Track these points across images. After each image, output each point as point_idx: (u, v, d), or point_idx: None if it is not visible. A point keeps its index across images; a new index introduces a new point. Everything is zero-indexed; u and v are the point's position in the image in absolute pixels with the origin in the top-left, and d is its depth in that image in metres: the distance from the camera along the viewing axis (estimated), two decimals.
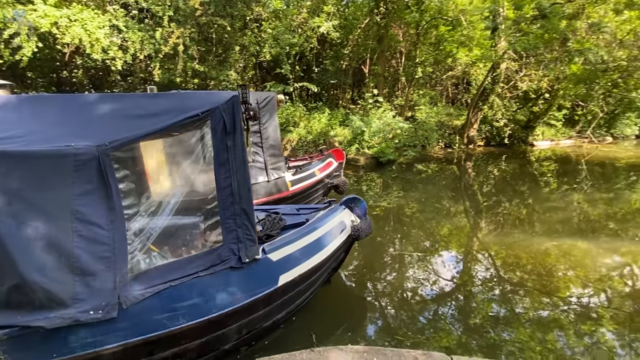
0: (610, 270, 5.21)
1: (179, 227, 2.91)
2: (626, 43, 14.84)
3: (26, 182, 2.07)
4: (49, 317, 2.15)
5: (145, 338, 2.48)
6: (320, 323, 3.76)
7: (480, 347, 3.57)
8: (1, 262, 2.03)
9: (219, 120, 2.72)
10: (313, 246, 3.53)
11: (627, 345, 3.67)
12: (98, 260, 2.29)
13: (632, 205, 8.34)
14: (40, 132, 2.21)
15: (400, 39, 15.90)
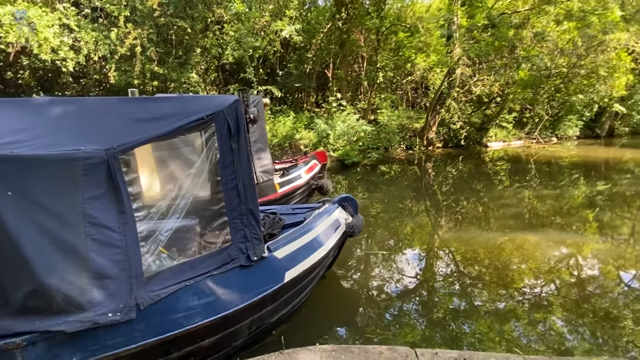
0: (558, 261, 5.64)
1: (189, 228, 2.97)
2: (566, 51, 16.15)
3: (38, 186, 2.06)
4: (68, 321, 2.14)
5: (163, 338, 2.50)
6: (290, 324, 3.78)
7: (444, 340, 3.75)
8: (18, 267, 2.02)
9: (224, 123, 2.80)
10: (313, 243, 3.69)
11: (575, 331, 4.00)
12: (112, 263, 2.30)
13: (576, 201, 9.08)
14: (47, 136, 2.21)
15: (362, 44, 16.28)
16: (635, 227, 7.30)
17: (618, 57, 15.99)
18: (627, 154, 16.68)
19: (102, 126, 2.41)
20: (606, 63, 15.90)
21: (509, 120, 18.42)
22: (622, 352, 3.65)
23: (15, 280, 2.05)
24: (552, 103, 18.12)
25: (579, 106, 18.67)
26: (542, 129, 18.88)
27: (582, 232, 6.89)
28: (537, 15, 14.66)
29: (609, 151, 17.73)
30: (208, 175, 2.95)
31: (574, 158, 15.46)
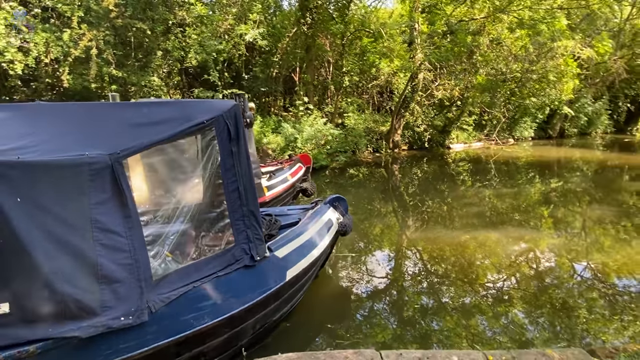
0: (517, 256, 5.92)
1: (192, 231, 3.00)
2: (519, 57, 17.12)
3: (46, 193, 2.06)
4: (82, 327, 2.13)
5: (175, 339, 2.53)
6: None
7: (414, 338, 3.81)
8: (29, 274, 2.01)
9: (224, 127, 2.85)
10: (310, 242, 3.83)
11: (534, 322, 4.19)
12: (121, 267, 2.30)
13: (532, 198, 9.59)
14: (50, 141, 2.22)
15: (328, 48, 16.44)
16: (585, 221, 7.82)
17: (565, 63, 17.16)
18: (576, 153, 17.89)
19: (104, 131, 2.43)
20: (555, 68, 17.01)
21: (469, 122, 19.23)
22: (578, 339, 3.87)
23: (27, 287, 2.02)
24: (508, 106, 19.12)
25: (532, 109, 19.83)
26: (500, 131, 19.86)
27: (538, 228, 7.28)
28: (492, 22, 15.46)
29: (560, 151, 18.93)
30: (210, 179, 3.00)
31: (530, 158, 16.36)
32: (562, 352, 2.62)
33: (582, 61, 19.15)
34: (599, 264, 5.64)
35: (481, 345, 3.66)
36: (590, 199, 9.63)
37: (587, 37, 20.59)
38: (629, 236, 6.75)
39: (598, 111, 23.65)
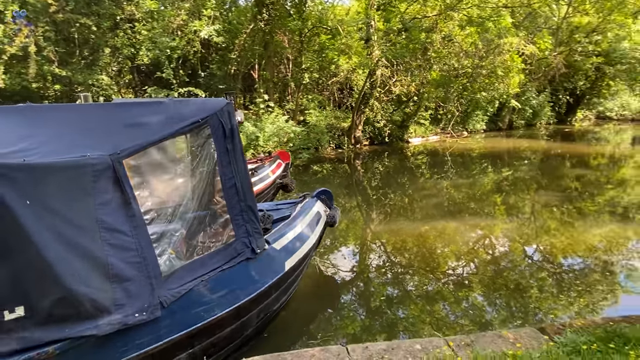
0: (475, 243, 6.23)
1: (195, 227, 3.05)
2: (470, 53, 17.97)
3: (53, 194, 2.06)
4: (99, 325, 2.15)
5: (188, 332, 2.59)
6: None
7: (383, 327, 3.90)
8: (43, 276, 2.00)
9: (218, 125, 2.93)
10: (304, 234, 3.99)
11: (492, 303, 4.44)
12: (130, 265, 2.32)
13: (486, 187, 10.13)
14: (49, 143, 2.21)
15: (286, 45, 16.32)
16: (534, 206, 8.38)
17: (511, 59, 18.23)
18: (524, 143, 19.12)
19: (101, 131, 2.45)
20: (502, 64, 18.02)
21: (426, 117, 19.92)
22: (531, 316, 4.14)
23: (41, 289, 2.02)
24: (461, 100, 20.02)
25: (483, 102, 20.90)
26: (454, 124, 20.76)
27: (492, 215, 7.70)
28: (443, 20, 16.09)
29: (509, 141, 20.14)
30: (208, 176, 3.09)
31: (482, 149, 17.26)
32: (516, 332, 2.78)
33: (526, 57, 20.42)
34: (547, 246, 6.07)
35: (445, 329, 3.82)
36: (538, 185, 10.34)
37: (529, 35, 22.00)
38: (572, 218, 7.33)
39: (542, 104, 25.39)
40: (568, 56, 24.24)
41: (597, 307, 4.34)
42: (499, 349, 2.51)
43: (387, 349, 2.60)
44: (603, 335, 2.59)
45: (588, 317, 3.93)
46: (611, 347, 2.43)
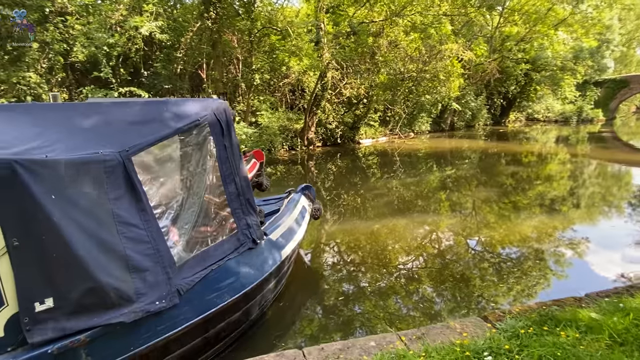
0: (423, 238, 6.54)
1: (201, 220, 3.15)
2: (414, 58, 18.85)
3: (73, 189, 2.14)
4: (125, 313, 2.27)
5: (203, 317, 2.76)
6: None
7: (338, 326, 3.95)
8: (71, 268, 2.09)
9: (215, 123, 3.11)
10: (294, 226, 4.28)
11: (440, 295, 4.70)
12: (146, 257, 2.43)
13: (432, 185, 10.68)
14: (62, 140, 2.26)
15: (235, 45, 15.98)
16: (475, 202, 8.99)
17: (452, 64, 19.41)
18: (465, 143, 20.43)
19: (108, 129, 2.53)
20: (444, 69, 19.13)
21: (375, 119, 20.56)
22: (474, 304, 4.44)
23: (69, 280, 2.10)
24: (407, 103, 20.94)
25: (427, 105, 22.01)
26: (402, 126, 21.64)
27: (438, 211, 8.14)
28: (389, 25, 16.73)
29: (452, 142, 21.41)
30: (210, 172, 3.24)
31: (428, 149, 18.18)
32: (462, 322, 2.96)
33: (464, 62, 21.84)
34: (487, 238, 6.55)
35: (398, 323, 3.97)
36: (477, 182, 11.11)
37: (467, 42, 23.57)
38: (508, 212, 7.98)
39: (479, 106, 27.31)
40: (501, 62, 26.36)
41: (532, 292, 4.76)
42: (447, 339, 2.65)
43: (342, 348, 2.64)
44: (538, 319, 2.83)
45: (525, 302, 4.30)
46: (545, 329, 2.68)
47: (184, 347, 2.73)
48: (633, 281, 4.69)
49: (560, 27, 26.14)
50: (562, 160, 15.03)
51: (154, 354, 2.49)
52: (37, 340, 2.00)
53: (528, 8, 24.95)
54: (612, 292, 3.46)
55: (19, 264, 1.97)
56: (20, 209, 1.96)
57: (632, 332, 2.59)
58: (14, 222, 1.95)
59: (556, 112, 34.22)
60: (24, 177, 1.92)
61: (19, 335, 2.00)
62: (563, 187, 10.34)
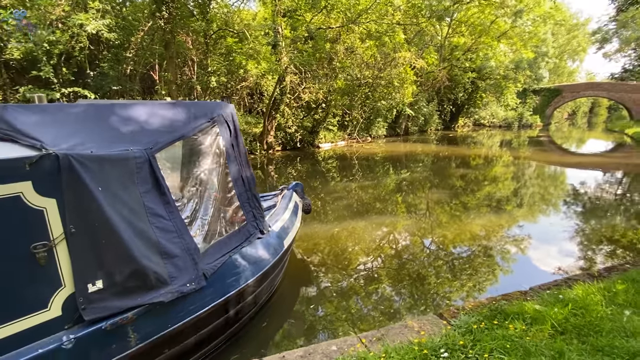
0: (381, 240, 6.71)
1: (216, 213, 3.51)
2: (370, 65, 19.38)
3: (113, 183, 2.33)
4: (163, 294, 2.53)
5: (225, 298, 3.08)
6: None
7: (301, 331, 3.93)
8: (117, 253, 2.32)
9: (224, 124, 3.38)
10: (291, 219, 4.68)
11: (399, 294, 4.83)
12: (174, 245, 2.69)
13: (388, 188, 11.00)
14: (95, 138, 2.42)
15: (190, 46, 15.49)
16: (428, 203, 9.39)
17: (405, 71, 20.19)
18: (418, 147, 21.29)
19: (133, 128, 2.71)
20: (398, 75, 19.85)
21: (334, 123, 20.84)
22: (431, 301, 4.62)
23: (116, 264, 2.33)
24: (364, 108, 21.46)
25: (383, 110, 22.70)
26: (359, 130, 22.13)
27: (395, 213, 8.40)
28: (346, 32, 17.07)
29: (407, 146, 22.22)
30: (220, 169, 3.51)
31: (384, 153, 18.72)
32: (419, 321, 3.08)
33: (417, 70, 22.81)
34: (441, 237, 6.86)
35: (360, 324, 4.03)
36: (431, 184, 11.61)
37: (419, 50, 24.67)
38: (459, 212, 8.41)
39: (431, 112, 28.64)
40: (450, 71, 27.85)
41: (483, 287, 5.04)
42: (406, 338, 2.74)
43: (304, 355, 2.63)
44: (488, 313, 3.01)
45: (477, 298, 4.55)
46: (495, 323, 2.85)
47: (210, 326, 3.04)
48: (570, 274, 5.13)
49: (502, 39, 28.20)
50: (506, 163, 16.14)
51: (187, 331, 2.79)
52: (91, 318, 2.25)
53: (474, 20, 26.69)
54: (552, 285, 3.77)
55: (75, 249, 2.19)
56: (76, 199, 2.17)
57: (571, 321, 2.83)
58: (71, 211, 2.17)
59: (500, 118, 36.80)
60: (79, 170, 2.16)
61: (75, 313, 2.23)
62: (507, 188, 11.10)
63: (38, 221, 2.08)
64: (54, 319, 2.16)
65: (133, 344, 2.42)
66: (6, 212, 1.99)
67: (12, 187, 1.99)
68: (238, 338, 3.59)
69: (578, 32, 56.87)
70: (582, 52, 60.14)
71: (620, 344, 2.52)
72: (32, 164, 2.03)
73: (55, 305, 2.17)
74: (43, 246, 2.09)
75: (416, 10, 19.42)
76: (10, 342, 1.99)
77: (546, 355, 2.41)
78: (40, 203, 2.08)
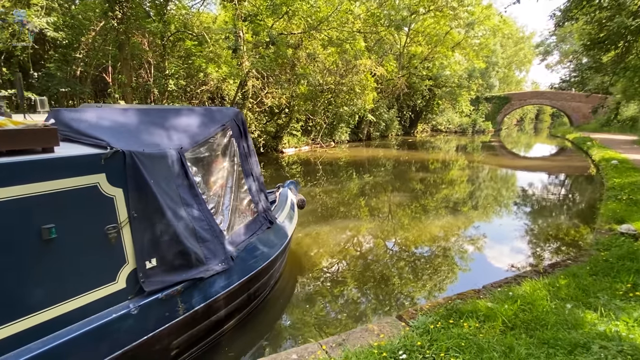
0: (345, 243, 6.77)
1: (234, 205, 3.88)
2: (332, 71, 19.63)
3: (159, 176, 2.84)
4: (202, 271, 3.07)
5: (247, 277, 3.54)
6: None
7: (267, 339, 3.86)
8: (169, 237, 2.84)
9: (235, 127, 3.91)
10: (291, 213, 5.29)
11: (364, 295, 4.89)
12: (205, 231, 3.19)
13: (352, 192, 11.15)
14: (139, 137, 2.90)
15: (146, 48, 14.90)
16: (390, 206, 9.62)
17: (366, 78, 20.66)
18: (380, 152, 21.80)
19: (168, 130, 3.14)
20: (359, 82, 20.27)
21: (297, 128, 20.86)
22: (394, 300, 4.72)
23: (167, 246, 2.84)
24: (327, 113, 21.68)
25: (346, 116, 23.05)
26: (323, 136, 22.31)
27: (358, 217, 8.52)
28: (307, 39, 17.20)
29: (369, 151, 22.68)
30: (234, 167, 3.96)
31: (348, 158, 18.99)
32: (379, 324, 3.13)
33: (377, 77, 23.43)
34: (403, 239, 7.04)
35: (325, 328, 4.03)
36: (392, 188, 11.92)
37: (379, 58, 25.36)
38: (419, 214, 8.69)
39: (391, 118, 29.48)
40: (409, 78, 28.87)
41: (442, 286, 5.23)
42: (366, 342, 2.76)
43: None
44: (445, 313, 3.12)
45: (437, 297, 4.70)
46: (451, 322, 2.95)
47: (236, 300, 3.51)
48: (521, 270, 5.44)
49: (457, 49, 29.69)
50: (462, 167, 16.93)
51: (219, 304, 3.26)
52: (150, 289, 2.69)
53: (430, 31, 27.90)
54: (503, 282, 3.97)
55: (136, 231, 2.65)
56: (136, 189, 2.64)
57: (520, 316, 3.00)
58: (133, 199, 2.62)
59: (455, 124, 38.63)
60: (138, 165, 2.63)
61: (136, 286, 2.67)
62: (463, 190, 11.63)
63: (110, 207, 2.53)
64: (120, 290, 2.59)
65: (181, 312, 2.87)
66: (87, 198, 2.41)
67: (92, 178, 2.43)
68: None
69: (524, 45, 61.17)
70: (527, 63, 64.74)
71: (563, 335, 2.70)
72: (106, 158, 2.49)
73: (121, 278, 2.61)
74: (114, 228, 2.53)
75: (375, 19, 19.97)
76: (88, 309, 2.41)
77: (498, 351, 2.53)
78: (111, 192, 2.53)
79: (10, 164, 2.07)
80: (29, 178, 2.13)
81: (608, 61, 17.19)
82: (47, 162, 2.22)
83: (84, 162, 2.38)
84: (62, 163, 2.28)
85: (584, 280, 3.76)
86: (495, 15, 31.55)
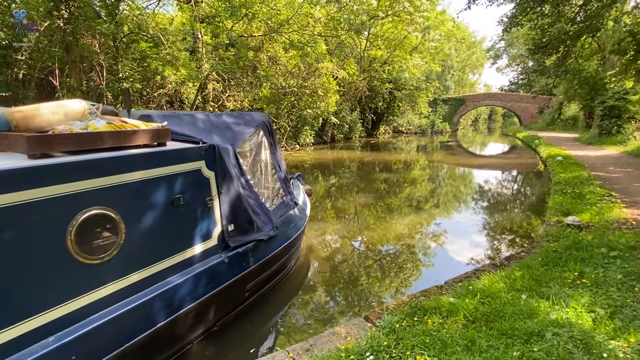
0: (312, 246, 6.75)
1: (270, 189, 4.94)
2: (294, 74, 19.61)
3: (226, 166, 3.70)
4: (262, 234, 4.07)
5: (286, 244, 4.58)
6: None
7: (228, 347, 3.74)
8: (239, 209, 3.84)
9: (265, 128, 4.81)
10: (305, 200, 6.29)
11: (333, 298, 4.87)
12: (257, 207, 4.17)
13: (318, 194, 11.16)
14: (210, 136, 3.76)
15: (97, 50, 14.11)
16: (356, 207, 9.73)
17: (328, 81, 20.82)
18: (345, 154, 22.04)
19: (224, 130, 4.08)
20: (321, 85, 20.39)
21: None
22: (363, 302, 4.74)
23: (240, 215, 3.86)
24: (291, 116, 21.60)
25: (310, 119, 23.09)
26: (288, 138, 22.20)
27: (325, 218, 8.54)
28: (269, 41, 17.06)
29: (334, 153, 22.87)
30: (266, 159, 4.87)
31: (313, 160, 19.02)
32: (347, 326, 3.12)
33: (339, 80, 23.69)
34: (369, 238, 7.13)
35: (294, 334, 3.97)
36: (357, 189, 12.07)
37: (341, 61, 25.66)
38: (384, 213, 8.85)
39: (354, 120, 29.92)
40: (370, 81, 29.46)
41: (407, 284, 5.34)
42: (334, 346, 2.75)
43: None
44: (409, 311, 3.17)
45: (404, 294, 4.78)
46: (415, 320, 3.01)
47: (280, 261, 4.55)
48: (480, 263, 5.68)
49: (414, 53, 30.69)
50: (423, 166, 17.49)
51: (272, 261, 4.29)
52: (234, 245, 3.71)
53: (389, 35, 28.65)
54: (464, 277, 4.12)
55: (222, 203, 3.63)
56: (221, 173, 3.61)
57: (480, 310, 3.11)
58: (220, 180, 3.59)
59: (415, 125, 39.92)
60: (222, 155, 3.64)
61: (223, 243, 3.64)
62: (425, 189, 12.01)
63: (207, 185, 3.49)
64: (214, 246, 3.55)
65: (252, 263, 3.88)
66: (195, 178, 3.34)
67: (197, 164, 3.38)
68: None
69: (476, 49, 64.50)
70: (480, 66, 68.30)
71: (520, 325, 2.84)
72: (205, 150, 3.46)
73: (214, 237, 3.56)
74: (210, 200, 3.49)
75: (335, 23, 20.17)
76: (198, 257, 3.35)
77: (460, 345, 2.61)
78: (208, 174, 3.48)
79: (150, 154, 2.95)
80: (161, 163, 3.01)
81: (551, 64, 18.45)
82: (169, 153, 3.11)
83: (192, 153, 3.33)
84: (178, 153, 3.19)
85: (536, 271, 3.98)
86: (449, 20, 33.00)
